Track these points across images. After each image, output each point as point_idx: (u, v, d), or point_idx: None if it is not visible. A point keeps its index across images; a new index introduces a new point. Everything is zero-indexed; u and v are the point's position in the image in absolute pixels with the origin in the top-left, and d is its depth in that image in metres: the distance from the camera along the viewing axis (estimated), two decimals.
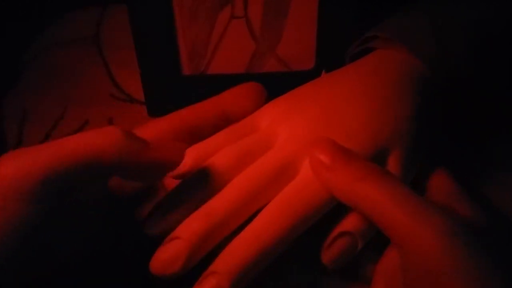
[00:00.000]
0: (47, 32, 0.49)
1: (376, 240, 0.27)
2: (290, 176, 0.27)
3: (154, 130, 0.27)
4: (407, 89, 0.30)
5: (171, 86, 0.39)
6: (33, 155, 0.21)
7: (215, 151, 0.28)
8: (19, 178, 0.20)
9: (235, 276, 0.23)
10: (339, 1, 0.36)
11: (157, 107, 0.41)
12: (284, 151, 0.27)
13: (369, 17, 0.37)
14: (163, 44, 0.37)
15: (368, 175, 0.25)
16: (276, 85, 0.40)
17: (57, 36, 0.49)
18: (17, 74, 0.46)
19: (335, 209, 0.27)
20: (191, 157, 0.27)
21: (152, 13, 0.36)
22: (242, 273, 0.24)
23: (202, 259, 0.25)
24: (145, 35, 0.37)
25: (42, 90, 0.44)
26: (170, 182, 0.28)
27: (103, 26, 0.49)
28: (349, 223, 0.26)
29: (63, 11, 0.51)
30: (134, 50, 0.38)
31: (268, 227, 0.25)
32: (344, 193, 0.25)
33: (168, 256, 0.24)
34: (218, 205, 0.25)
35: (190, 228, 0.25)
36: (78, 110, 0.42)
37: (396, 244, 0.24)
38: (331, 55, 0.38)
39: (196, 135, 0.29)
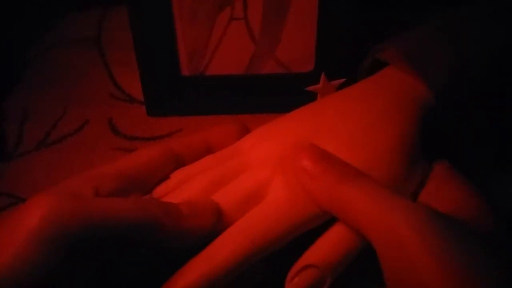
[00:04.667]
0: (49, 33, 0.49)
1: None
2: (257, 200, 0.27)
3: (145, 158, 0.28)
4: (404, 117, 0.29)
5: (171, 87, 0.40)
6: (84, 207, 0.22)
7: (197, 175, 0.28)
8: (61, 227, 0.21)
9: None
10: (339, 3, 0.36)
11: (157, 107, 0.41)
12: (253, 175, 0.28)
13: (370, 19, 0.37)
14: (162, 45, 0.37)
15: (344, 177, 0.25)
16: (275, 87, 0.40)
17: (58, 37, 0.49)
18: (18, 74, 0.46)
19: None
20: (174, 181, 0.29)
21: (152, 14, 0.36)
22: None
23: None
24: (145, 36, 0.37)
25: (43, 90, 0.44)
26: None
27: (104, 27, 0.50)
28: (315, 254, 0.25)
29: (64, 12, 0.51)
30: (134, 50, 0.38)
31: (223, 249, 0.25)
32: (325, 200, 0.25)
33: None
34: None
35: None
36: (78, 110, 0.42)
37: (373, 242, 0.23)
38: (330, 57, 0.38)
39: (181, 164, 0.30)
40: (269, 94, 0.40)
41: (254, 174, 0.28)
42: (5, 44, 0.48)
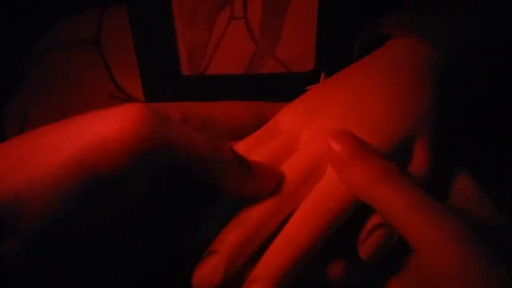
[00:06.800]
0: (48, 34, 0.49)
1: None
2: (317, 177, 0.27)
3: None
4: (425, 78, 0.30)
5: (171, 87, 0.40)
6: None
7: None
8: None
9: (277, 282, 0.24)
10: (339, 2, 0.36)
11: None
12: (308, 153, 0.28)
13: (369, 19, 0.37)
14: (162, 45, 0.37)
15: (386, 176, 0.24)
16: (275, 86, 0.40)
17: (58, 38, 0.49)
18: (19, 76, 0.46)
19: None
20: None
21: (151, 14, 0.36)
22: (283, 278, 0.24)
23: None
24: (145, 36, 0.37)
25: (43, 91, 0.44)
26: None
27: (103, 27, 0.50)
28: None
29: (64, 13, 0.51)
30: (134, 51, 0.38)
31: (303, 230, 0.25)
32: (360, 191, 0.25)
33: (207, 271, 0.24)
34: (251, 213, 0.26)
35: (226, 240, 0.25)
36: (79, 110, 0.42)
37: (411, 245, 0.24)
38: (330, 56, 0.38)
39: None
40: (269, 94, 0.40)
41: (307, 154, 0.28)
42: (5, 46, 0.48)
